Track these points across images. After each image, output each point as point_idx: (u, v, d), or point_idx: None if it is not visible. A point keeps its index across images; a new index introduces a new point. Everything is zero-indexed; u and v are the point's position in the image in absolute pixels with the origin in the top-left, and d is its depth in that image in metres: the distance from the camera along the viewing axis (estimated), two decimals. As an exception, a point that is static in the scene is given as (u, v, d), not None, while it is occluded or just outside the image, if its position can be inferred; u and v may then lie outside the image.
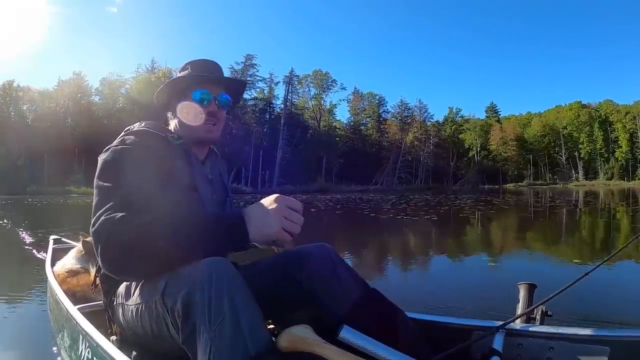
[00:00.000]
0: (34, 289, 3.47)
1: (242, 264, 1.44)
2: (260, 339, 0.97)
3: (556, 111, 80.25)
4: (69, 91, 53.93)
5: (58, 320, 1.89)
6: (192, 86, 1.40)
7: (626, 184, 62.94)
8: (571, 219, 11.04)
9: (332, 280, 1.29)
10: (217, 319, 0.96)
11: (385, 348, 1.10)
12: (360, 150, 69.43)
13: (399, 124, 73.58)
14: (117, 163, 1.22)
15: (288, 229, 1.06)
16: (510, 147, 77.67)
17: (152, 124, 1.39)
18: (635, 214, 11.78)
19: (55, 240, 3.07)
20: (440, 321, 1.47)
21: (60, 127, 49.85)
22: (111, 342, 1.25)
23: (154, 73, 57.43)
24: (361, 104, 74.75)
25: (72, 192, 37.54)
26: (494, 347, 1.25)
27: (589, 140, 74.19)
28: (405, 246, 6.90)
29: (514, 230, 9.06)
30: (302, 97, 68.45)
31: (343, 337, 1.12)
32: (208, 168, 1.49)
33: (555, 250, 6.10)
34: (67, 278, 2.15)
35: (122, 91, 56.67)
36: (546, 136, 77.80)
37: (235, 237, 1.08)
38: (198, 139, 1.44)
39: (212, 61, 1.48)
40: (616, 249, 2.98)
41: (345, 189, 48.81)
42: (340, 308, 1.25)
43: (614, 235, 7.51)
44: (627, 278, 4.03)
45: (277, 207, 1.07)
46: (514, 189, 55.93)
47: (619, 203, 17.67)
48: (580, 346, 1.24)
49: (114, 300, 1.33)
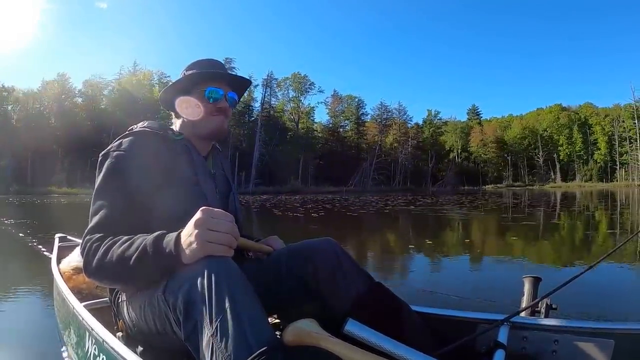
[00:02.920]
0: (40, 287, 3.54)
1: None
2: (262, 334, 0.97)
3: (536, 114, 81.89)
4: (53, 92, 55.08)
5: (64, 317, 1.92)
6: (206, 83, 1.45)
7: (602, 185, 64.51)
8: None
9: (336, 274, 1.31)
10: (218, 316, 0.97)
11: (391, 341, 1.11)
12: (338, 152, 70.29)
13: (378, 126, 74.90)
14: (111, 173, 1.29)
15: (213, 241, 1.04)
16: (490, 149, 78.98)
17: (152, 123, 1.43)
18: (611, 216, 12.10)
19: (60, 238, 3.06)
20: (444, 314, 1.49)
21: (45, 128, 51.28)
22: (117, 338, 1.27)
23: (135, 75, 59.69)
24: (340, 107, 76.38)
25: (54, 193, 39.11)
26: (499, 340, 1.27)
27: (568, 142, 75.94)
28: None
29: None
30: (281, 100, 70.67)
31: (348, 331, 1.13)
32: (211, 163, 1.53)
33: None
34: (73, 275, 2.19)
35: (105, 92, 58.91)
36: (526, 138, 79.28)
37: (169, 264, 1.08)
38: (210, 134, 1.48)
39: (217, 60, 1.54)
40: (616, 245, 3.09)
41: (318, 190, 49.25)
42: (345, 302, 1.28)
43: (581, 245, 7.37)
44: (630, 272, 4.21)
45: (197, 221, 1.06)
46: (493, 190, 56.98)
47: (597, 205, 18.04)
48: (585, 339, 1.26)
49: (119, 297, 1.34)
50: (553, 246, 6.44)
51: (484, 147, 79.21)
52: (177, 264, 1.07)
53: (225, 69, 1.56)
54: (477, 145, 79.49)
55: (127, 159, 1.29)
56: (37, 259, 5.11)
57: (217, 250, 1.04)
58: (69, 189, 42.35)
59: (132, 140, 1.32)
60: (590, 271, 1.40)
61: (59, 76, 57.36)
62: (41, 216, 14.41)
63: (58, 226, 6.59)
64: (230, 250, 1.07)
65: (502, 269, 4.73)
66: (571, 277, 1.33)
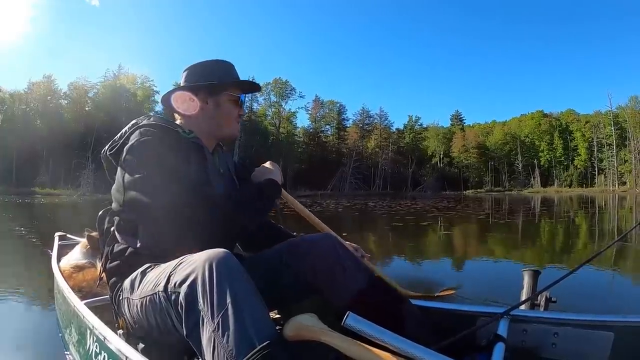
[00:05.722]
0: (41, 285, 3.51)
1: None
2: (263, 329, 0.99)
3: (519, 120, 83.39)
4: (39, 94, 55.88)
5: (65, 315, 1.94)
6: (235, 89, 1.53)
7: (579, 190, 66.00)
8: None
9: (336, 269, 1.33)
10: (220, 311, 0.98)
11: (391, 335, 1.11)
12: (318, 156, 70.89)
13: (359, 131, 75.90)
14: (152, 155, 1.29)
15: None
16: (472, 154, 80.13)
17: (160, 118, 1.45)
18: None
19: (60, 236, 3.04)
20: (444, 308, 1.51)
21: (30, 129, 52.03)
22: (118, 335, 1.28)
23: (119, 79, 60.89)
24: (321, 112, 77.56)
25: (37, 193, 39.69)
26: (498, 333, 1.29)
27: (549, 148, 77.47)
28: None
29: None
30: (262, 105, 71.81)
31: (349, 325, 1.13)
32: (217, 161, 1.55)
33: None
34: (73, 273, 2.20)
35: (90, 95, 59.81)
36: (507, 144, 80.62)
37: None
38: (228, 137, 1.57)
39: (232, 64, 1.60)
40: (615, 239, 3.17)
41: (293, 194, 49.50)
42: (345, 296, 1.30)
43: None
44: (629, 267, 4.30)
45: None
46: (473, 195, 57.93)
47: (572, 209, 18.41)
48: (585, 331, 1.29)
49: (120, 294, 1.34)
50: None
51: (465, 153, 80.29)
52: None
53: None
54: (459, 151, 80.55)
55: (155, 142, 1.31)
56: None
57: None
58: (52, 189, 43.29)
59: (149, 130, 1.33)
60: (590, 265, 1.43)
61: (45, 77, 57.62)
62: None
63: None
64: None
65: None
66: (570, 270, 1.36)
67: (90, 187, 42.78)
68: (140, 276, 1.25)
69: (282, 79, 71.80)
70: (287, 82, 71.77)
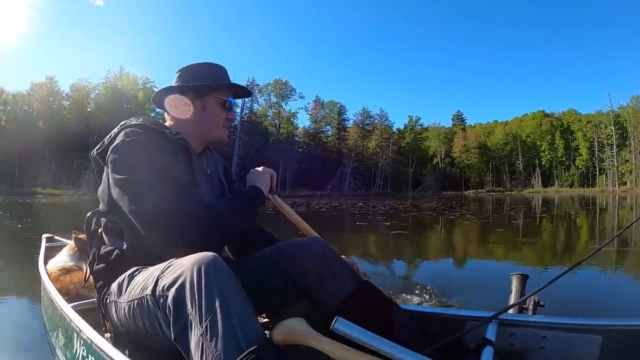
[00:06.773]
0: (27, 288, 3.48)
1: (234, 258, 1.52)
2: (252, 333, 0.99)
3: (520, 120, 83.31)
4: (42, 95, 56.79)
5: (52, 318, 1.91)
6: (224, 92, 1.52)
7: (580, 190, 65.94)
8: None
9: (325, 273, 1.33)
10: (208, 315, 0.98)
11: (380, 339, 1.12)
12: (318, 156, 70.91)
13: (360, 131, 76.10)
14: (138, 154, 1.29)
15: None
16: (473, 154, 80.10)
17: (148, 119, 1.44)
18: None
19: (47, 238, 3.02)
20: (433, 312, 1.52)
21: (32, 130, 53.03)
22: (105, 339, 1.27)
23: (121, 80, 61.82)
24: (322, 112, 77.81)
25: (38, 194, 40.62)
26: (487, 337, 1.29)
27: (550, 148, 77.38)
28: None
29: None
30: (263, 106, 72.47)
31: (337, 329, 1.13)
32: (205, 163, 1.55)
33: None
34: (60, 276, 2.18)
35: (92, 96, 60.85)
36: (508, 144, 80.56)
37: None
38: (216, 142, 1.57)
39: (224, 67, 1.59)
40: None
41: (292, 194, 49.54)
42: (334, 300, 1.30)
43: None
44: (616, 270, 4.33)
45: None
46: (474, 195, 58.13)
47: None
48: (573, 335, 1.30)
49: (107, 297, 1.33)
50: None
51: (466, 153, 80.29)
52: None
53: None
54: (460, 151, 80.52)
55: (141, 143, 1.30)
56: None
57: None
58: (54, 190, 43.98)
59: (135, 131, 1.33)
60: (578, 269, 1.44)
61: (48, 79, 58.25)
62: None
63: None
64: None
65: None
66: (559, 274, 1.36)
67: (91, 188, 42.72)
68: (127, 279, 1.25)
69: (282, 80, 72.43)
70: (288, 83, 72.38)
